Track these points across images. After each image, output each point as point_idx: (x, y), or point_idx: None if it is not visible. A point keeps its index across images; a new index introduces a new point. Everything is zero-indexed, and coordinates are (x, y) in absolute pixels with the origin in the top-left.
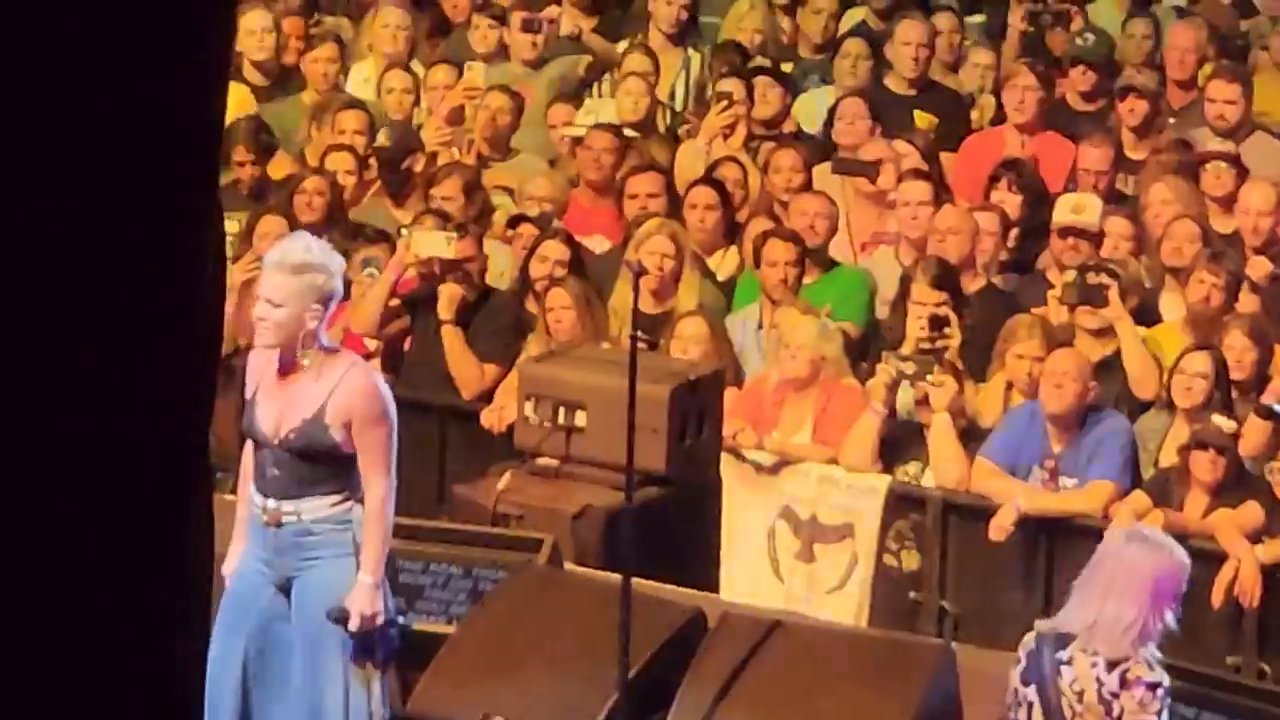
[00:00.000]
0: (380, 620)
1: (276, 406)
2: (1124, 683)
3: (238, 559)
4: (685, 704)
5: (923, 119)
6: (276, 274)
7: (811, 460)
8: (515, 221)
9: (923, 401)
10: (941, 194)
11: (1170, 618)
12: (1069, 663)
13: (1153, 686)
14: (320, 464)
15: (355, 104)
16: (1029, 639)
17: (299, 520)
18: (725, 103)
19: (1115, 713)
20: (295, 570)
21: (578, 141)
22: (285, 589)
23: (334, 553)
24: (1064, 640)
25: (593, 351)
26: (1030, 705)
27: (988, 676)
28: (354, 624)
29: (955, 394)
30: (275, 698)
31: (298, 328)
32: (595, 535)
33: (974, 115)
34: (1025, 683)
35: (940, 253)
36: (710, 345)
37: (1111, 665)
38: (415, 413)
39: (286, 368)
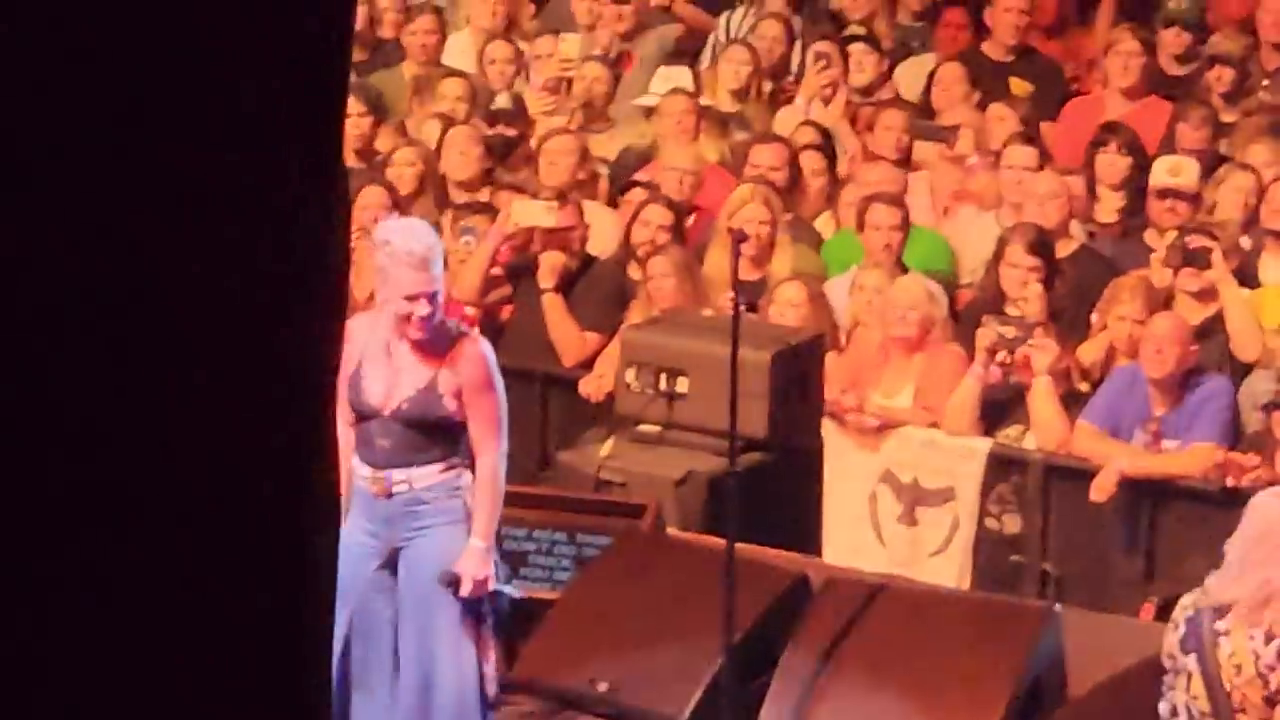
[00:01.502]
0: (491, 585)
1: (386, 377)
2: None
3: (343, 534)
4: (789, 669)
5: (1019, 86)
6: (412, 270)
7: (913, 424)
8: (626, 188)
9: (1024, 364)
10: (1044, 159)
11: None
12: (1227, 634)
13: None
14: (431, 433)
15: (456, 74)
16: (1186, 605)
17: (410, 489)
18: (823, 63)
19: (1273, 686)
20: (405, 539)
21: (651, 111)
22: (391, 560)
23: (444, 520)
24: (1223, 610)
25: (694, 318)
26: (1190, 675)
27: (1092, 639)
28: (466, 588)
29: (1057, 356)
30: (376, 668)
31: (436, 311)
32: (698, 501)
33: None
34: (1185, 651)
35: (1039, 217)
36: (809, 309)
37: (1269, 639)
38: (518, 380)
39: (418, 339)
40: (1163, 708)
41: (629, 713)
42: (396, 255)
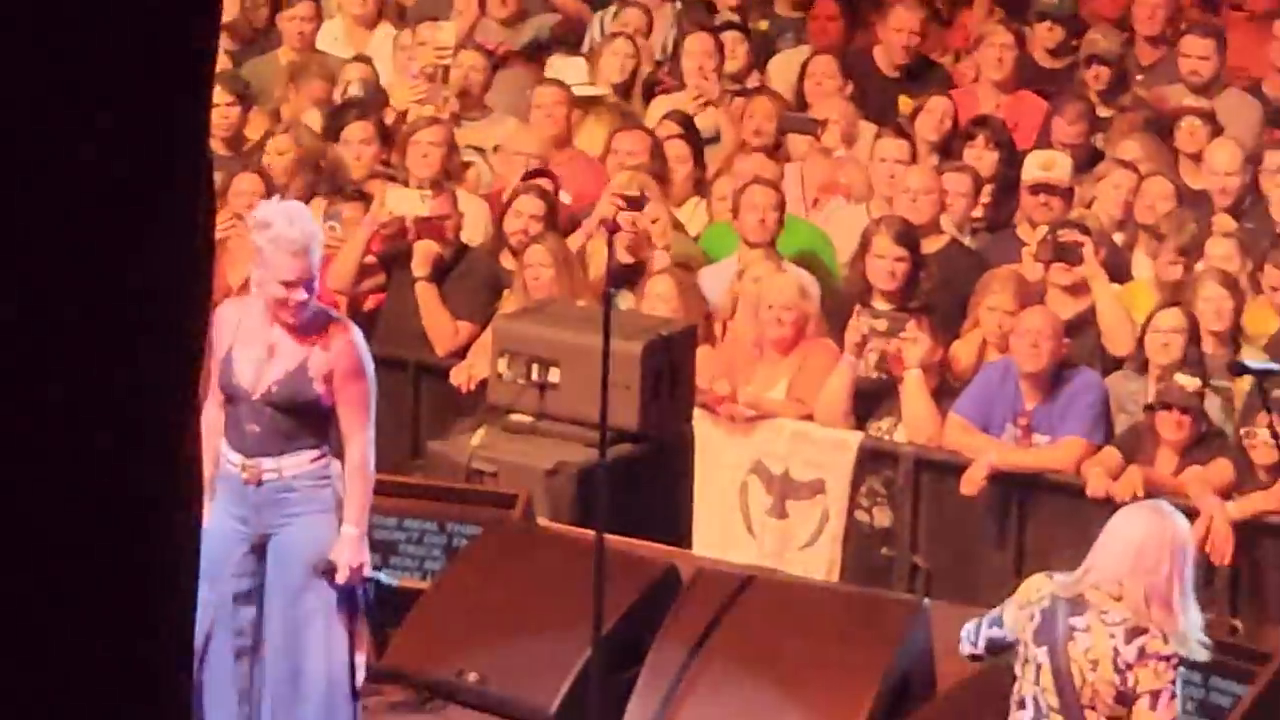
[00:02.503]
0: (366, 572)
1: (257, 360)
2: (1141, 655)
3: (208, 517)
4: (658, 660)
5: (906, 104)
6: (290, 256)
7: (785, 416)
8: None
9: (895, 357)
10: (917, 152)
11: (1189, 591)
12: (1085, 630)
13: (1168, 659)
14: (300, 419)
15: (330, 62)
16: (1044, 595)
17: (280, 477)
18: (696, 57)
19: (1129, 684)
20: (274, 527)
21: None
22: (260, 546)
23: (314, 508)
24: (1079, 606)
25: (567, 308)
26: (1039, 667)
27: (960, 632)
28: (341, 576)
29: (928, 350)
30: (242, 655)
31: (312, 298)
32: (569, 491)
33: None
34: (1037, 643)
35: (910, 211)
36: (681, 300)
37: (1130, 637)
38: (389, 369)
39: (290, 324)
40: (966, 637)
41: (498, 703)
42: (276, 240)
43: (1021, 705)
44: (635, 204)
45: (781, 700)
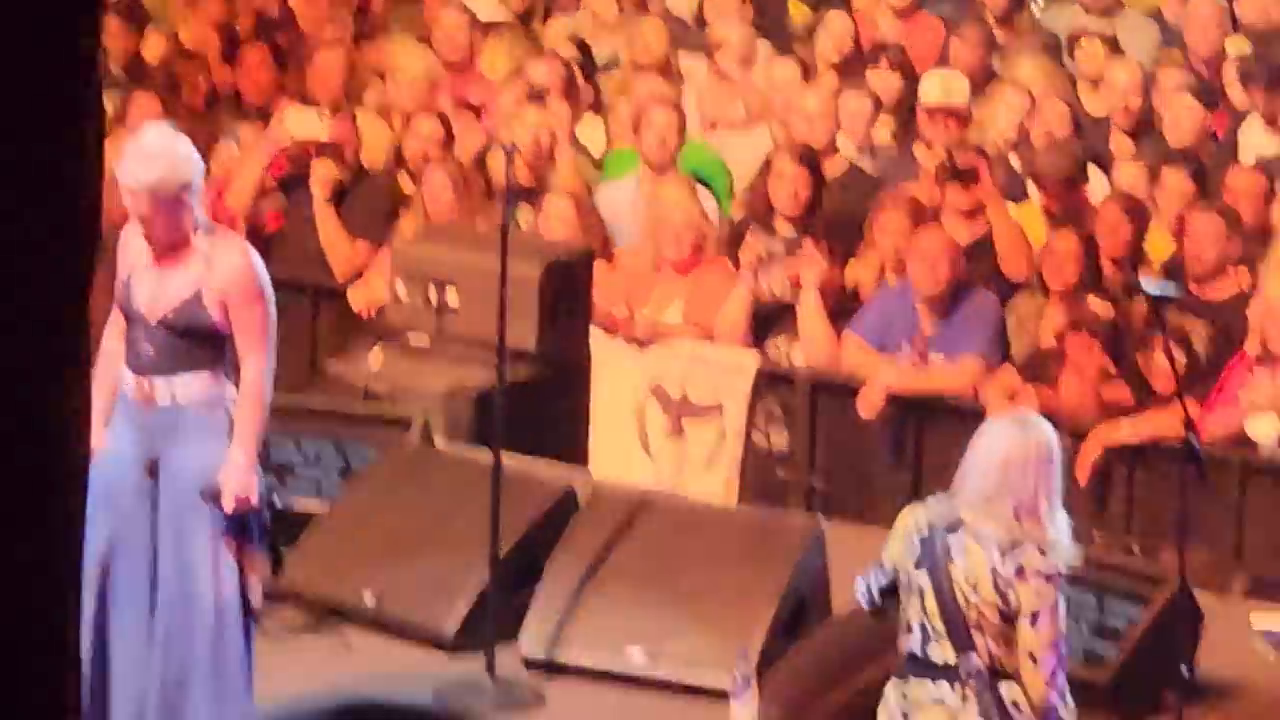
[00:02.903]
0: (254, 500)
1: (154, 285)
2: (1020, 572)
3: (103, 439)
4: (554, 580)
5: (798, 10)
6: (141, 195)
7: (682, 338)
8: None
9: (793, 279)
10: (811, 74)
11: (1056, 501)
12: (964, 553)
13: (1048, 575)
14: (195, 343)
15: None
16: (920, 523)
17: (173, 399)
18: None
19: (1012, 602)
20: (166, 449)
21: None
22: (153, 468)
23: (207, 431)
24: (955, 527)
25: (465, 231)
26: (923, 591)
27: (857, 553)
28: (227, 502)
29: (824, 272)
30: (138, 578)
31: (178, 230)
32: (466, 413)
33: None
34: (917, 566)
35: (807, 134)
36: (580, 221)
37: (1006, 554)
38: (288, 292)
39: (165, 250)
40: (861, 590)
41: (395, 624)
42: (125, 178)
43: (909, 629)
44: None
45: (678, 620)
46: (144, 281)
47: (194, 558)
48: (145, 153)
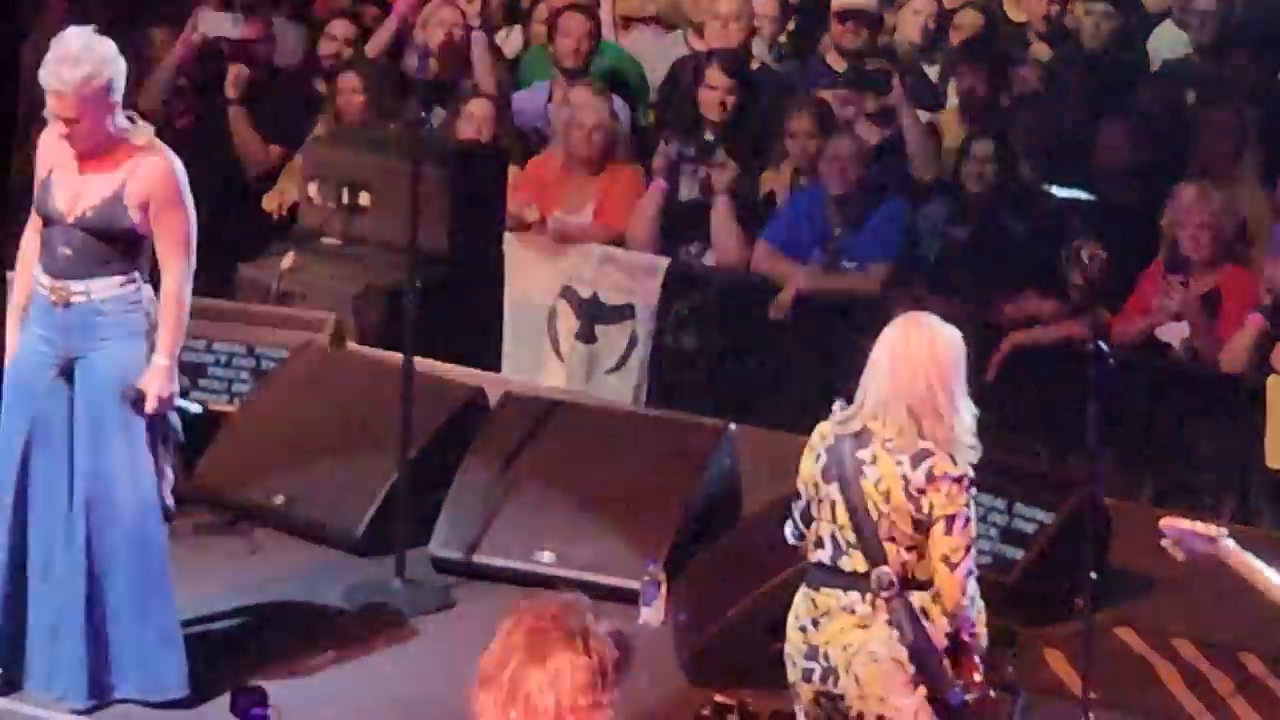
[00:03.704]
0: (176, 402)
1: (73, 186)
2: (930, 478)
3: (17, 340)
4: (465, 483)
5: None
6: (66, 96)
7: (593, 240)
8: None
9: (705, 183)
10: None
11: (959, 402)
12: (873, 462)
13: (958, 479)
14: (112, 244)
15: None
16: (825, 434)
17: (88, 299)
18: None
19: (924, 509)
20: (82, 350)
21: None
22: (68, 370)
23: (122, 332)
24: (863, 439)
25: (377, 133)
26: (833, 504)
27: (766, 456)
28: (150, 405)
29: (735, 176)
30: (55, 478)
31: (100, 132)
32: (377, 314)
33: None
34: (827, 480)
35: (722, 38)
36: (494, 123)
37: (916, 461)
38: (200, 193)
39: (87, 152)
40: (790, 531)
41: (305, 525)
42: (41, 79)
43: (820, 544)
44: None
45: (587, 523)
46: (63, 183)
47: (112, 459)
48: (69, 54)
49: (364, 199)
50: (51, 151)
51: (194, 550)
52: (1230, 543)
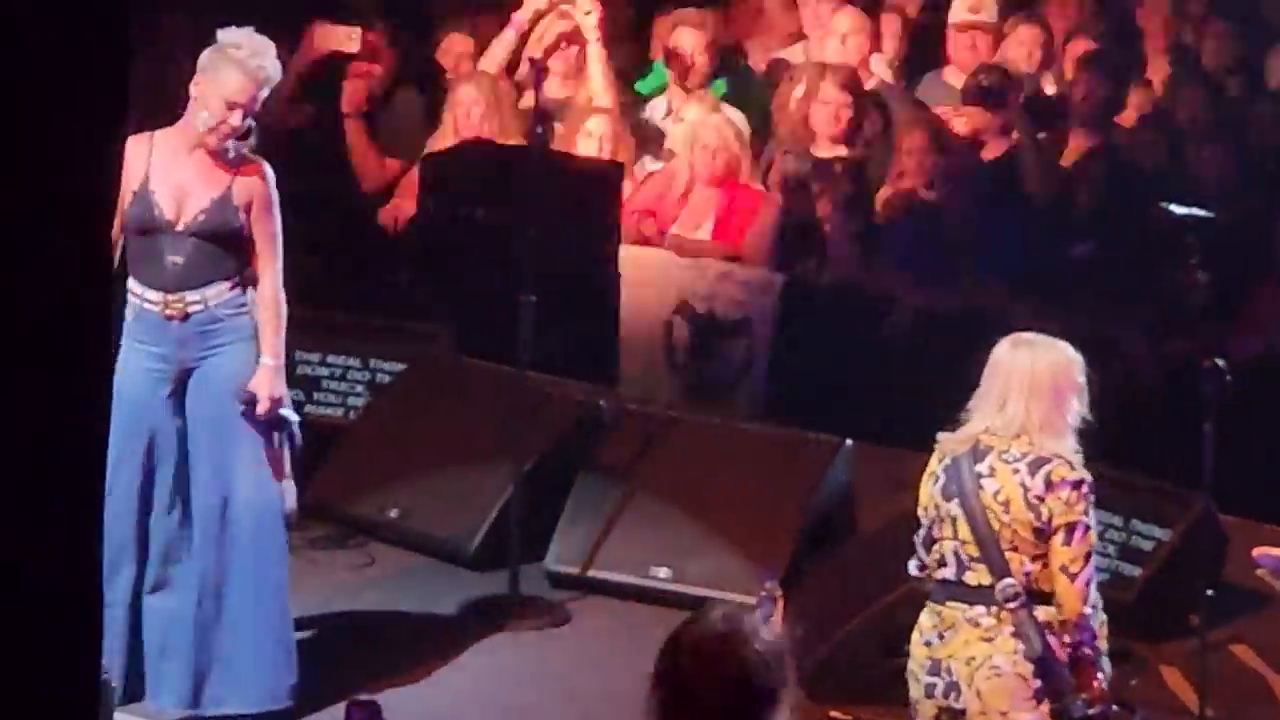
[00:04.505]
0: (287, 404)
1: (176, 191)
2: (1049, 485)
3: (120, 361)
4: (581, 499)
5: None
6: (243, 78)
7: (711, 256)
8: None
9: (822, 199)
10: None
11: (1078, 414)
12: (990, 475)
13: (1077, 485)
14: (224, 248)
15: None
16: (942, 454)
17: (205, 308)
18: None
19: (1044, 517)
20: (198, 360)
21: None
22: (182, 382)
23: (236, 337)
24: (980, 454)
25: (494, 148)
26: (955, 520)
27: (882, 472)
28: (262, 406)
29: (852, 193)
30: (177, 492)
31: (246, 130)
32: (494, 329)
33: None
34: (947, 498)
35: (841, 55)
36: (612, 137)
37: (1034, 469)
38: (317, 207)
39: (217, 153)
40: (914, 564)
41: (420, 539)
42: (243, 62)
43: (942, 563)
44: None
45: (703, 539)
46: (164, 192)
47: (233, 464)
48: (264, 46)
49: (480, 214)
50: (140, 161)
51: (308, 563)
52: None
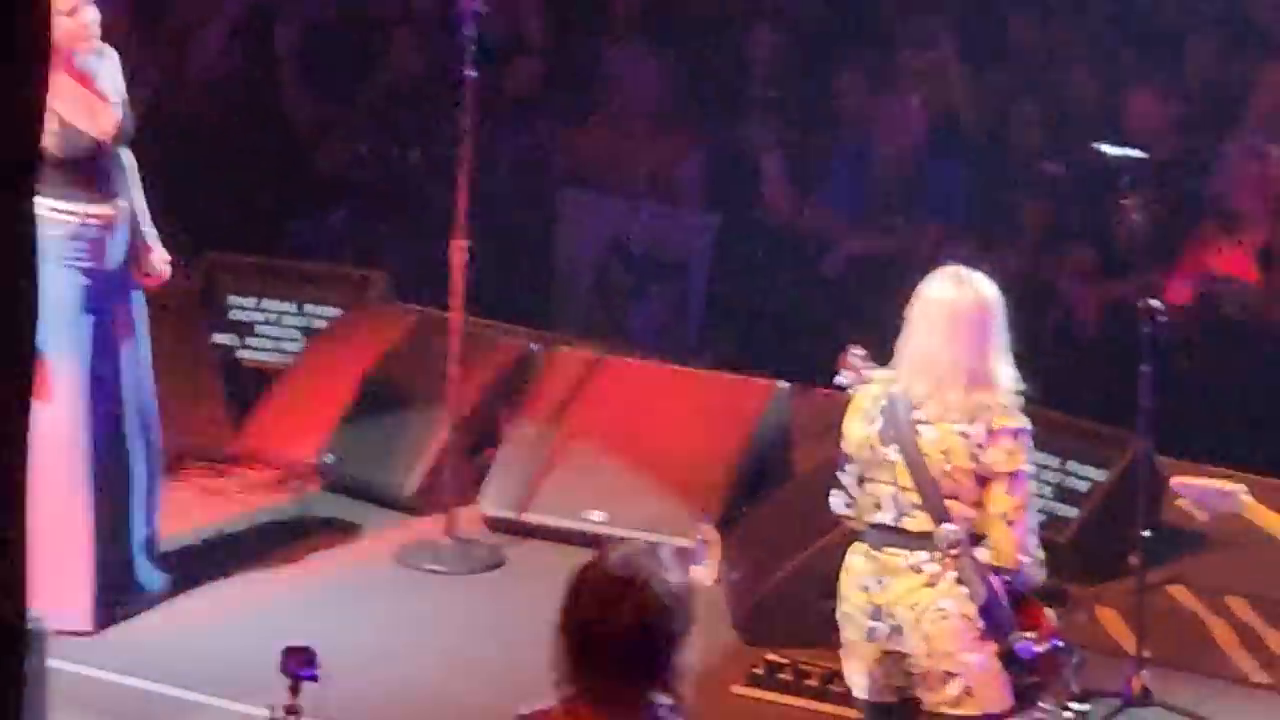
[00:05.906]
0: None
1: None
2: (990, 434)
3: None
4: (515, 442)
5: None
6: None
7: (647, 198)
8: None
9: (756, 141)
10: None
11: (1001, 356)
12: (928, 422)
13: (1017, 434)
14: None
15: None
16: (878, 395)
17: None
18: None
19: (985, 465)
20: None
21: None
22: None
23: None
24: (915, 399)
25: (430, 88)
26: (894, 464)
27: (817, 414)
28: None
29: (786, 134)
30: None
31: None
32: (428, 271)
33: None
34: (884, 442)
35: None
36: (544, 81)
37: (973, 417)
38: (252, 150)
39: None
40: (840, 501)
41: (356, 484)
42: None
43: (879, 506)
44: None
45: (638, 482)
46: None
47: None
48: None
49: (415, 155)
50: None
51: (243, 508)
52: (1248, 498)
